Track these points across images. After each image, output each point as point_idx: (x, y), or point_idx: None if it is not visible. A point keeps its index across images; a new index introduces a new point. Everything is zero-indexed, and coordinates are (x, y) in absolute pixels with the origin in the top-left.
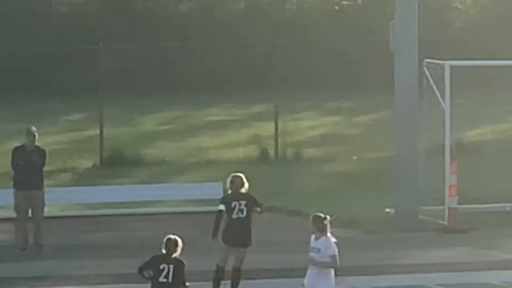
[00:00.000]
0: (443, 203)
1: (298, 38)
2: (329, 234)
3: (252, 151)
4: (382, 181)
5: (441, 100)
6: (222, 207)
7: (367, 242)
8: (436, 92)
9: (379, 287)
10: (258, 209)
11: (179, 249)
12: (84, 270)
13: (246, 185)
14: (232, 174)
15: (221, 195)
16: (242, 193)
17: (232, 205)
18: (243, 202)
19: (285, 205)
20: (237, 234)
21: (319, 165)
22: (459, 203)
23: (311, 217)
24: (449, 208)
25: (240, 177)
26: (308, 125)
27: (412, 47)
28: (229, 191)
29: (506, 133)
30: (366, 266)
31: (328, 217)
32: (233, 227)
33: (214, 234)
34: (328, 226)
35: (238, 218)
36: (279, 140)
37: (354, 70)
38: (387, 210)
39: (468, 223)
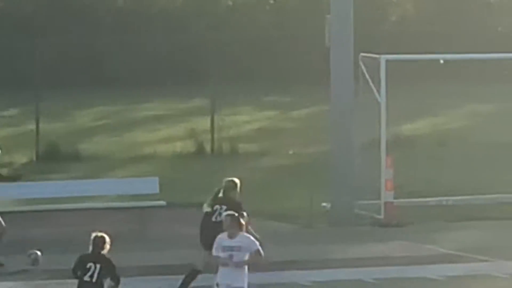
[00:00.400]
0: (379, 197)
1: (235, 33)
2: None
3: (188, 145)
4: (318, 176)
5: (376, 94)
6: (207, 208)
7: (303, 237)
8: (372, 86)
9: (315, 281)
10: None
11: (107, 246)
12: (18, 266)
13: (235, 190)
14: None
15: (156, 190)
16: (226, 198)
17: (214, 208)
18: (224, 207)
19: None
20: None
21: (255, 160)
22: (395, 197)
23: (227, 216)
24: (385, 202)
25: (228, 181)
26: (245, 120)
27: (347, 42)
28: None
29: (441, 126)
30: (303, 261)
31: (245, 214)
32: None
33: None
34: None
35: (216, 221)
36: (216, 135)
37: (290, 65)
38: (324, 204)
39: (404, 217)
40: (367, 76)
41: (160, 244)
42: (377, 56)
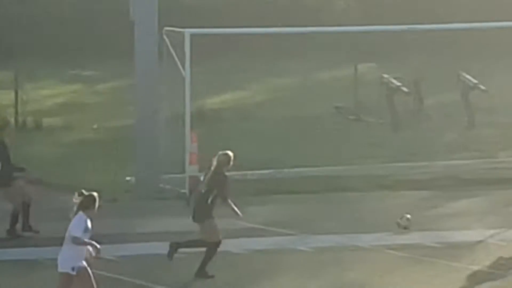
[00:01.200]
0: (183, 171)
1: (40, 7)
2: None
3: None
4: (123, 150)
5: (181, 68)
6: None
7: (107, 211)
8: (177, 60)
9: (120, 255)
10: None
11: None
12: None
13: (215, 162)
14: None
15: None
16: (211, 170)
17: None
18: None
19: (24, 174)
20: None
21: (60, 134)
22: (200, 171)
23: (95, 197)
24: (189, 176)
25: (219, 155)
26: (49, 94)
27: (151, 16)
28: None
29: (245, 100)
30: (107, 235)
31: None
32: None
33: None
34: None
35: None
36: (19, 109)
37: (95, 38)
38: (128, 178)
39: None
40: (171, 50)
41: None
42: (181, 30)
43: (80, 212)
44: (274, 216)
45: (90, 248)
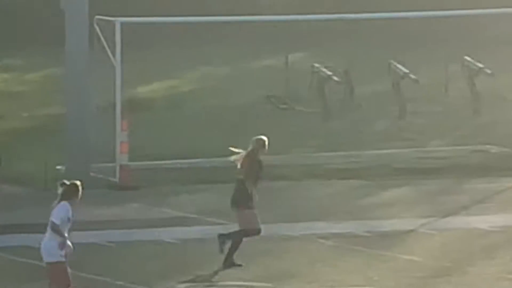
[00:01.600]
0: (114, 160)
1: None
2: None
3: None
4: (53, 138)
5: (111, 57)
6: None
7: (38, 200)
8: (107, 49)
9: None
10: None
11: None
12: None
13: (250, 146)
14: None
15: None
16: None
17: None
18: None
19: None
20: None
21: None
22: (130, 160)
23: (78, 186)
24: (120, 165)
25: (253, 140)
26: None
27: (82, 5)
28: None
29: (176, 89)
30: (38, 224)
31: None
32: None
33: None
34: None
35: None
36: None
37: (26, 26)
38: (58, 167)
39: (140, 180)
40: (102, 38)
41: None
42: (112, 18)
43: (63, 202)
44: (205, 205)
45: (70, 244)
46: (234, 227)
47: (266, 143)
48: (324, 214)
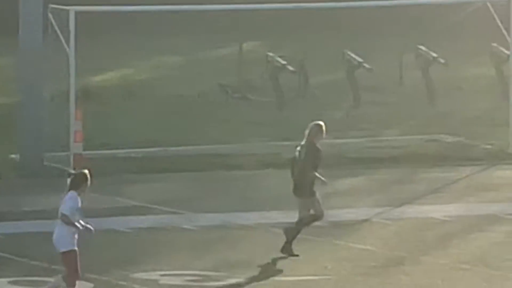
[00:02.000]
0: (68, 149)
1: None
2: None
3: None
4: (6, 127)
5: (65, 46)
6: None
7: None
8: (61, 37)
9: (3, 233)
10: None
11: None
12: None
13: (307, 131)
14: None
15: None
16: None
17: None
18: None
19: None
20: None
21: None
22: (84, 149)
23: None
24: (74, 154)
25: (310, 125)
26: None
27: None
28: None
29: (130, 78)
30: None
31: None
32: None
33: None
34: None
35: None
36: None
37: None
38: (12, 156)
39: (94, 169)
40: (56, 27)
41: None
42: (66, 7)
43: (72, 191)
44: (159, 195)
45: (91, 227)
46: (187, 216)
47: (324, 128)
48: (278, 204)
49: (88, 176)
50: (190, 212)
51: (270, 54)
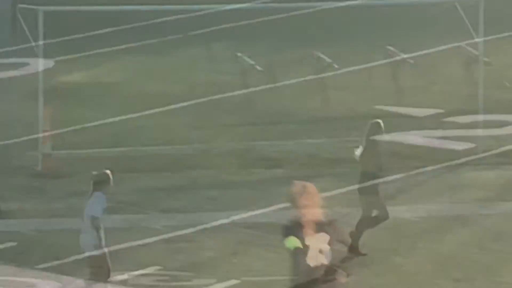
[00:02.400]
0: (37, 149)
1: None
2: None
3: None
4: None
5: (34, 45)
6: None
7: None
8: (30, 37)
9: None
10: None
11: None
12: None
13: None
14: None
15: None
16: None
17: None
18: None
19: None
20: None
21: None
22: (54, 149)
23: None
24: (43, 154)
25: (369, 123)
26: None
27: None
28: None
29: (101, 78)
30: None
31: None
32: None
33: None
34: None
35: None
36: None
37: None
38: None
39: (63, 168)
40: (24, 27)
41: None
42: (35, 7)
43: (96, 192)
44: (129, 194)
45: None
46: (154, 216)
47: (381, 124)
48: (245, 203)
49: (111, 175)
50: (156, 212)
51: (239, 54)
